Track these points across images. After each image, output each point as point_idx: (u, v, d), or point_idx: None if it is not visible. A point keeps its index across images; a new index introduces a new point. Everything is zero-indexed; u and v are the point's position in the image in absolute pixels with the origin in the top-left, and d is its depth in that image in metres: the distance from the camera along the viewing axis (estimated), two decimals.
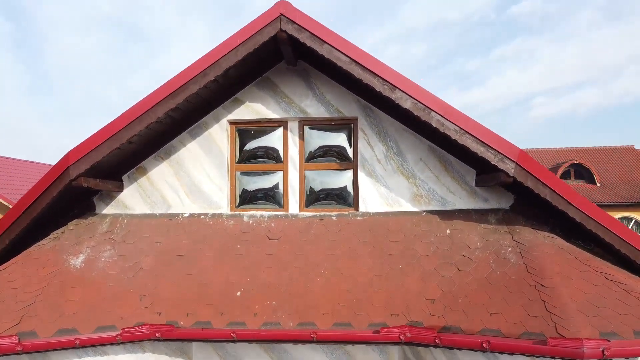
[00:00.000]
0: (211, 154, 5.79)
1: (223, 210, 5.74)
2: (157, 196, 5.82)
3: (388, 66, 4.68)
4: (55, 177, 5.01)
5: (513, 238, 4.97)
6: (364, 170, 5.60)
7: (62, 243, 5.38)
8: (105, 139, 4.93)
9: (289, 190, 5.78)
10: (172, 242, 5.39)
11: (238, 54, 4.83)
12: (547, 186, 4.61)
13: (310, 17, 4.78)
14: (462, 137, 4.64)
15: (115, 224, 5.67)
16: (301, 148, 5.79)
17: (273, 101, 5.73)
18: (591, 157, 32.33)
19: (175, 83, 4.87)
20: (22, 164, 24.76)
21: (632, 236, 4.79)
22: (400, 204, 5.53)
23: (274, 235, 5.39)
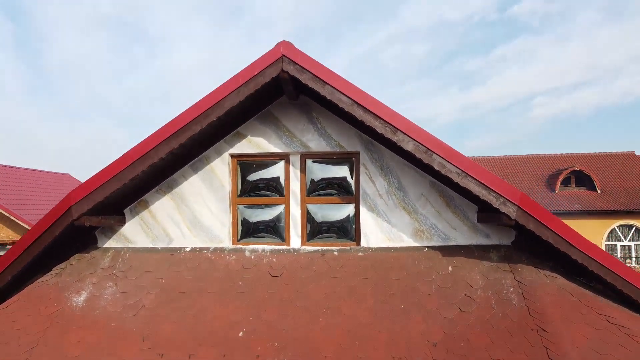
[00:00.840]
0: (213, 188, 5.79)
1: (225, 244, 5.74)
2: (159, 230, 5.82)
3: (390, 108, 4.69)
4: (58, 217, 5.02)
5: (515, 277, 4.98)
6: (365, 205, 5.60)
7: (64, 280, 5.39)
8: (107, 179, 4.94)
9: (290, 223, 5.79)
10: (173, 278, 5.39)
11: (240, 95, 4.84)
12: (549, 229, 4.61)
13: (312, 59, 4.79)
14: (463, 179, 4.65)
15: (117, 258, 5.68)
16: (303, 182, 5.80)
17: (275, 135, 5.73)
18: (592, 164, 32.35)
19: (178, 123, 4.88)
20: (21, 172, 24.77)
21: (634, 276, 4.79)
22: (402, 239, 5.54)
23: (276, 272, 5.39)
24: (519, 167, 32.99)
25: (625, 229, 28.23)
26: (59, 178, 27.97)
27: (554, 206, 28.21)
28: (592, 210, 27.51)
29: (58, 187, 25.95)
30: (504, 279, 4.99)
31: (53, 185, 25.82)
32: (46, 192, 23.85)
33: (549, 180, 31.14)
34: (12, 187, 21.67)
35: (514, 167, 33.09)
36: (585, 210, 27.55)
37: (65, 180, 28.40)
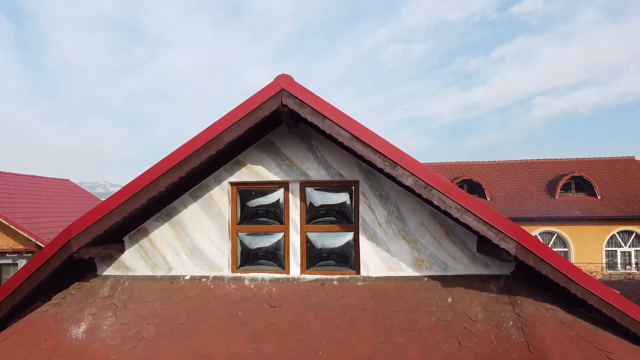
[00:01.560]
0: (212, 216, 5.79)
1: (224, 273, 5.74)
2: (159, 258, 5.82)
3: (389, 143, 4.68)
4: (57, 250, 5.01)
5: (514, 310, 4.97)
6: (365, 234, 5.60)
7: (63, 310, 5.38)
8: (107, 212, 4.94)
9: (290, 252, 5.78)
10: (173, 308, 5.39)
11: (239, 128, 4.84)
12: (548, 264, 4.61)
13: (311, 92, 4.79)
14: (463, 215, 4.65)
15: (117, 287, 5.68)
16: (302, 210, 5.80)
17: (274, 163, 5.73)
18: (592, 169, 32.35)
19: (177, 157, 4.88)
20: (20, 179, 24.76)
21: (632, 309, 4.78)
22: (401, 269, 5.54)
23: (275, 302, 5.38)
24: (519, 172, 32.99)
25: (625, 235, 28.23)
26: (59, 184, 27.97)
27: (554, 212, 28.21)
28: (592, 217, 27.51)
29: (58, 193, 25.95)
30: (503, 312, 4.99)
31: (53, 191, 25.81)
32: (46, 198, 23.85)
33: (549, 186, 31.14)
34: (12, 194, 21.65)
35: (513, 172, 33.09)
36: (586, 216, 27.54)
37: (66, 185, 28.39)
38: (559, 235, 28.50)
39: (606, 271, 27.86)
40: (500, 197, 30.50)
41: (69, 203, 25.41)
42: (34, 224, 19.92)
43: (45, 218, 21.36)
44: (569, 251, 28.37)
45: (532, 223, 28.31)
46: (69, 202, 25.66)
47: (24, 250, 19.34)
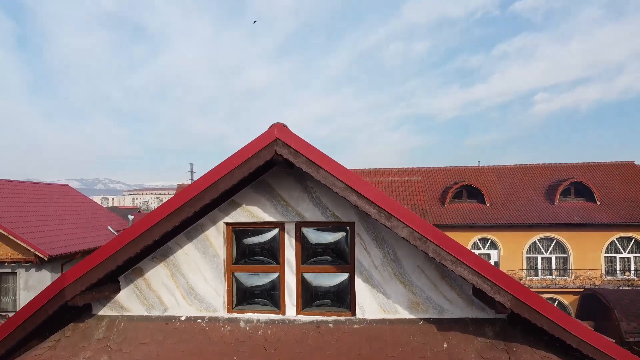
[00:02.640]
0: (207, 256, 5.77)
1: (220, 314, 5.72)
2: (154, 298, 5.81)
3: (384, 194, 4.66)
4: (50, 297, 5.00)
5: (510, 358, 4.96)
6: (360, 276, 5.58)
7: (58, 354, 5.37)
8: (101, 260, 4.93)
9: (285, 292, 5.77)
10: (168, 352, 5.38)
11: (233, 178, 4.82)
12: (544, 316, 4.59)
13: (306, 142, 4.77)
14: (457, 267, 4.63)
15: (112, 328, 5.66)
16: (298, 250, 5.78)
17: (269, 204, 5.71)
18: (591, 174, 32.33)
19: (172, 206, 4.86)
20: (18, 185, 24.72)
21: (626, 358, 4.77)
22: (397, 311, 5.52)
23: (271, 346, 5.37)
24: (518, 177, 32.96)
25: (624, 242, 28.22)
26: (58, 190, 27.92)
27: (553, 218, 28.20)
28: (592, 223, 27.49)
29: (57, 200, 25.91)
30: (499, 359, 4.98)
31: (52, 197, 25.77)
32: (46, 205, 23.80)
33: (548, 191, 31.12)
34: (9, 202, 21.61)
35: (513, 177, 33.06)
36: (585, 222, 27.53)
37: (65, 191, 28.35)
38: (558, 241, 28.49)
39: (605, 277, 27.86)
40: (499, 202, 30.48)
41: (68, 210, 25.37)
42: (33, 233, 19.88)
43: (44, 226, 21.33)
44: (568, 257, 28.37)
45: (532, 229, 28.31)
46: (68, 208, 25.62)
47: (23, 259, 19.31)
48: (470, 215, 29.16)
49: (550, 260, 28.66)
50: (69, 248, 20.61)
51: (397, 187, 24.25)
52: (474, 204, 30.45)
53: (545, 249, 28.70)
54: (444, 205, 30.35)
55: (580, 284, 27.44)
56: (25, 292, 19.82)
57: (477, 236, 28.77)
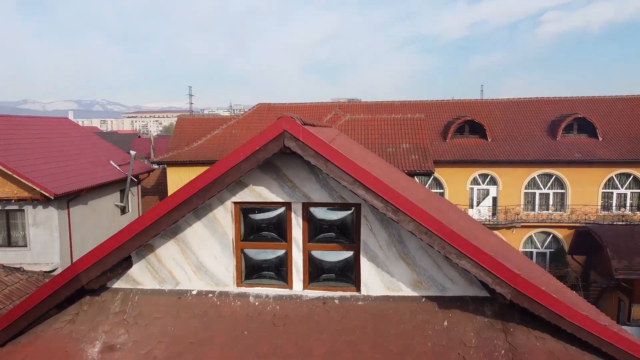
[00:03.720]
0: (216, 234, 5.90)
1: (230, 288, 5.95)
2: (165, 273, 6.01)
3: (392, 188, 4.69)
4: (66, 282, 5.19)
5: (507, 339, 5.23)
6: (366, 255, 5.74)
7: (77, 328, 5.65)
8: (113, 249, 5.06)
9: (293, 268, 5.97)
10: (182, 326, 5.66)
11: (241, 170, 4.84)
12: (542, 306, 4.80)
13: (314, 135, 4.72)
14: (461, 260, 4.76)
15: (127, 301, 5.92)
16: (305, 229, 5.90)
17: (276, 184, 5.75)
18: (596, 108, 31.99)
19: (179, 198, 4.91)
20: (15, 120, 24.54)
21: (618, 340, 5.03)
22: (400, 289, 5.74)
23: (279, 322, 5.65)
24: (522, 111, 32.63)
25: (623, 178, 28.50)
26: (57, 124, 27.75)
27: (554, 155, 28.28)
28: (592, 160, 27.62)
29: (58, 135, 25.82)
30: (496, 339, 5.25)
31: (52, 132, 25.67)
32: (46, 142, 23.75)
33: (551, 126, 30.95)
34: (10, 140, 21.55)
35: (516, 112, 32.73)
36: (585, 159, 27.65)
37: (64, 125, 28.19)
38: (557, 177, 28.76)
39: (600, 212, 28.44)
40: (501, 138, 30.40)
41: (70, 145, 25.36)
42: (37, 171, 20.02)
43: (48, 164, 21.43)
44: (566, 193, 28.78)
45: (532, 165, 28.48)
46: (69, 143, 25.60)
47: (29, 198, 19.61)
48: (471, 151, 29.20)
49: (548, 195, 29.11)
50: (73, 185, 20.88)
51: (399, 125, 24.12)
52: (476, 139, 30.39)
53: (544, 185, 29.06)
54: (446, 141, 30.31)
55: (575, 218, 28.07)
56: (34, 228, 20.34)
57: (477, 172, 29.01)
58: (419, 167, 20.81)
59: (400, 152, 21.97)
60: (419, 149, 22.07)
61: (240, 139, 31.10)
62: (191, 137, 32.85)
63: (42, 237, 20.32)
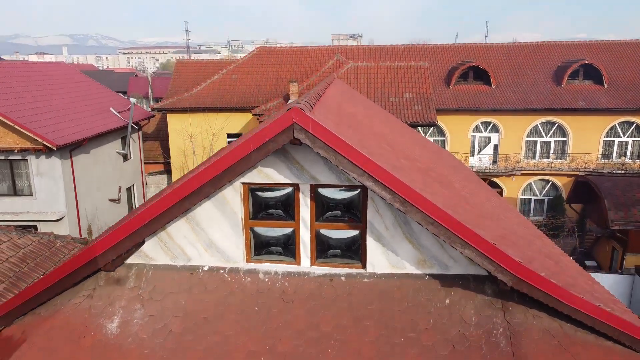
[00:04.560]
0: (225, 214, 6.03)
1: (240, 265, 6.17)
2: (177, 249, 6.20)
3: (400, 180, 4.77)
4: (83, 264, 5.38)
5: (505, 317, 5.50)
6: (372, 235, 5.91)
7: (95, 303, 5.92)
8: (127, 234, 5.21)
9: (300, 246, 6.15)
10: (195, 301, 5.92)
11: (251, 160, 4.90)
12: (541, 290, 5.01)
13: (324, 127, 4.74)
14: (465, 250, 4.93)
15: (141, 276, 6.15)
16: (312, 209, 6.03)
17: (284, 166, 5.81)
18: (604, 53, 31.30)
19: (191, 186, 4.99)
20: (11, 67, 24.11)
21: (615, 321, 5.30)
22: (404, 267, 5.95)
23: (288, 298, 5.91)
24: (528, 57, 31.96)
25: (625, 126, 28.40)
26: (54, 69, 27.24)
27: (558, 102, 28.02)
28: (596, 108, 27.40)
29: (55, 81, 25.43)
30: (495, 317, 5.52)
31: (49, 79, 25.25)
32: (44, 90, 23.42)
33: (557, 72, 30.42)
34: (8, 88, 21.23)
35: (521, 57, 32.05)
36: (589, 107, 27.42)
37: (61, 71, 27.68)
38: (559, 125, 28.64)
39: (601, 161, 28.56)
40: (505, 84, 29.98)
41: (69, 92, 25.01)
42: (38, 121, 19.89)
43: (48, 112, 21.24)
44: (568, 141, 28.78)
45: (535, 113, 28.28)
46: (68, 90, 25.25)
47: (32, 148, 19.63)
48: (474, 98, 28.88)
49: (549, 143, 29.11)
50: (75, 136, 20.84)
51: (403, 73, 23.70)
52: (480, 85, 29.97)
53: (546, 133, 28.99)
54: (449, 87, 29.89)
55: (575, 167, 28.25)
56: (39, 177, 20.52)
57: (479, 119, 28.85)
58: (422, 119, 20.68)
59: (403, 101, 21.75)
60: (422, 99, 21.83)
61: (240, 84, 30.68)
62: (190, 82, 32.36)
63: (47, 187, 20.54)
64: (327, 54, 32.08)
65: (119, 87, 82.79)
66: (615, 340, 5.43)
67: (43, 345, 5.67)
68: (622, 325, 5.32)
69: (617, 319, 5.34)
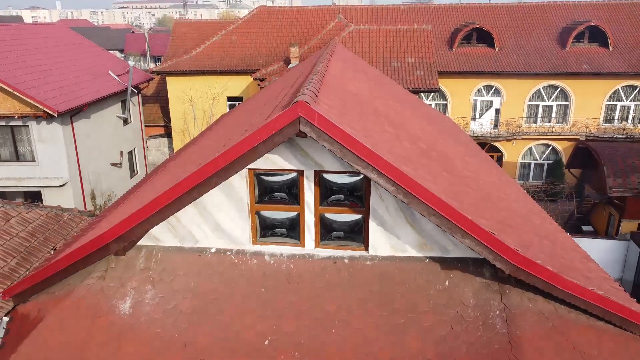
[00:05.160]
0: (232, 198, 6.17)
1: (246, 247, 6.36)
2: (185, 231, 6.37)
3: (405, 174, 4.89)
4: (95, 249, 5.58)
5: (502, 300, 5.74)
6: (375, 220, 6.07)
7: (107, 285, 6.14)
8: (138, 222, 5.37)
9: (305, 228, 6.32)
10: (204, 282, 6.14)
11: (258, 153, 5.00)
12: (537, 277, 5.22)
13: (329, 121, 4.81)
14: (465, 240, 5.10)
15: (150, 258, 6.35)
16: (317, 194, 6.16)
17: (289, 153, 5.90)
18: (611, 14, 30.68)
19: (198, 178, 5.12)
20: (6, 30, 23.70)
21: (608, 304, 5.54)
22: (406, 250, 6.15)
23: (293, 279, 6.13)
24: (532, 18, 31.33)
25: (628, 90, 28.19)
26: (51, 31, 26.78)
27: (562, 66, 27.71)
28: (599, 72, 27.12)
29: (54, 44, 25.06)
30: (492, 300, 5.76)
31: (47, 41, 24.88)
32: (43, 54, 23.11)
33: (561, 34, 29.91)
34: (5, 52, 20.96)
35: (526, 17, 31.42)
36: (592, 72, 27.14)
37: (60, 33, 27.20)
38: (562, 89, 28.42)
39: (602, 125, 28.51)
40: (509, 47, 29.53)
41: (66, 55, 24.68)
42: (37, 87, 19.74)
43: (47, 77, 21.04)
44: (570, 105, 28.63)
45: (538, 77, 28.00)
46: (66, 53, 24.90)
47: (32, 114, 19.57)
48: (477, 61, 28.52)
49: (551, 107, 28.97)
50: (76, 101, 20.74)
51: (405, 37, 23.32)
52: (483, 47, 29.52)
53: (549, 97, 28.80)
54: (452, 50, 29.46)
55: (576, 131, 28.23)
56: (41, 143, 20.55)
57: (481, 83, 28.60)
58: (424, 85, 20.54)
59: (406, 67, 21.53)
60: (424, 64, 21.60)
61: (240, 45, 30.23)
62: (189, 44, 31.85)
63: (49, 152, 20.61)
64: (329, 14, 31.44)
65: (116, 45, 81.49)
66: (607, 321, 5.70)
67: (59, 324, 5.93)
68: (612, 307, 5.57)
69: (608, 301, 5.57)
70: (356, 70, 11.97)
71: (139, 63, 79.10)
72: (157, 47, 72.80)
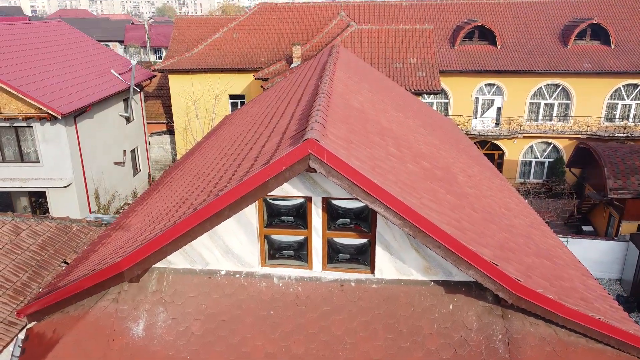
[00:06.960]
0: (241, 223, 6.32)
1: (255, 269, 6.53)
2: (196, 254, 6.54)
3: (412, 209, 5.03)
4: (110, 277, 5.75)
5: (504, 324, 5.92)
6: (380, 245, 6.23)
7: (121, 307, 6.32)
8: (153, 251, 5.54)
9: (312, 252, 6.49)
10: (214, 305, 6.33)
11: (268, 188, 5.15)
12: (539, 306, 5.40)
13: (338, 158, 4.95)
14: (469, 271, 5.27)
15: (162, 280, 6.52)
16: (324, 219, 6.31)
17: (298, 181, 6.04)
18: (614, 11, 30.62)
19: (211, 211, 5.27)
20: (8, 29, 23.71)
21: (607, 328, 5.73)
22: (411, 274, 6.32)
23: (302, 302, 6.31)
24: (534, 15, 31.29)
25: (630, 88, 28.24)
26: (51, 29, 26.77)
27: (564, 65, 27.74)
28: (601, 71, 27.15)
29: (54, 42, 25.08)
30: (494, 324, 5.94)
31: (48, 40, 24.89)
32: (44, 52, 23.15)
33: (563, 32, 29.90)
34: (7, 52, 21.00)
35: (528, 14, 31.38)
36: (594, 70, 27.17)
37: (60, 30, 27.20)
38: (564, 87, 28.46)
39: (603, 123, 28.59)
40: (511, 44, 29.52)
41: (68, 53, 24.72)
42: (41, 89, 19.82)
43: (50, 78, 21.11)
44: (571, 103, 28.69)
45: (540, 75, 28.03)
46: (68, 51, 24.94)
47: (36, 115, 19.67)
48: (479, 59, 28.54)
49: (552, 106, 29.04)
50: (80, 102, 20.85)
51: (408, 37, 23.33)
52: (485, 45, 29.53)
53: (550, 95, 28.86)
54: (454, 47, 29.46)
55: (578, 129, 28.33)
56: (45, 144, 20.68)
57: (483, 81, 28.64)
58: (426, 86, 20.60)
59: (408, 68, 21.57)
60: (426, 65, 21.64)
61: (241, 43, 30.21)
62: (191, 41, 31.83)
63: (53, 153, 20.74)
64: (330, 11, 31.39)
65: (116, 36, 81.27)
66: (605, 343, 5.89)
67: (76, 346, 6.13)
68: (610, 331, 5.75)
69: (607, 326, 5.75)
70: (359, 79, 12.08)
71: (138, 54, 78.84)
72: (158, 38, 72.63)
